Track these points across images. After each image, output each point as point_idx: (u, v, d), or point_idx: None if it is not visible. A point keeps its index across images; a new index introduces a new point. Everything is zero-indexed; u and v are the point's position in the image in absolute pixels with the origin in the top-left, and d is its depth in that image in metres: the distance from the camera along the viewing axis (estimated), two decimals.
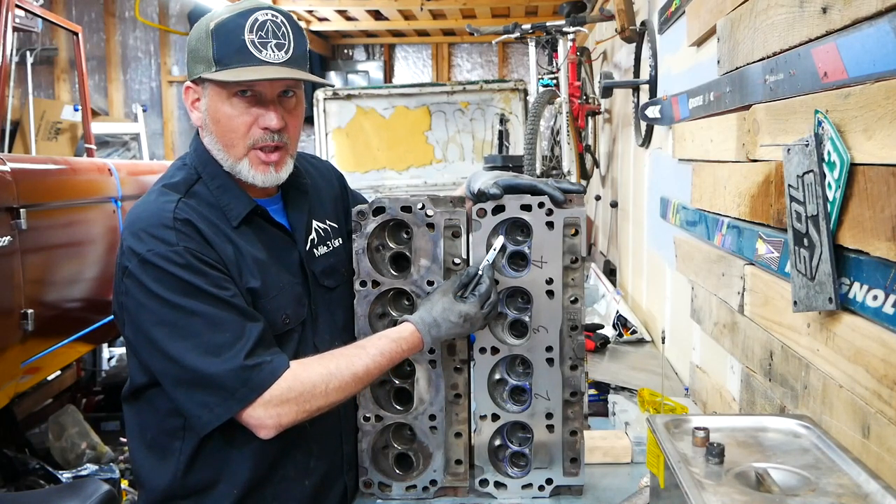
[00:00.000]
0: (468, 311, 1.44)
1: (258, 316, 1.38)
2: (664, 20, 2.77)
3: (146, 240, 1.34)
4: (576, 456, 1.56)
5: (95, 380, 4.59)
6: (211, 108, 1.42)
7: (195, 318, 1.31)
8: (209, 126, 1.44)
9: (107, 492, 2.16)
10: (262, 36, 1.38)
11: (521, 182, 1.51)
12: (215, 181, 1.45)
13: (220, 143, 1.44)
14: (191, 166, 1.48)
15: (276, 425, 1.33)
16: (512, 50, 8.66)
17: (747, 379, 1.70)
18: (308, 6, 6.91)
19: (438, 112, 5.63)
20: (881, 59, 1.06)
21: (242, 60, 1.37)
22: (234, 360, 1.30)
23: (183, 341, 1.31)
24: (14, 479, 3.25)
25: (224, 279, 1.36)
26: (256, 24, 1.37)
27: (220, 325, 1.32)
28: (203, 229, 1.37)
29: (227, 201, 1.44)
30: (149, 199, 1.43)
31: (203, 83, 1.42)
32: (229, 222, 1.43)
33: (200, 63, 1.40)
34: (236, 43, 1.37)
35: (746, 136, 1.65)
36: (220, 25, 1.38)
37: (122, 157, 7.51)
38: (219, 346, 1.31)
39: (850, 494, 0.98)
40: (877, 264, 1.10)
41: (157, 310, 1.32)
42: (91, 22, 8.21)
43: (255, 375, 1.31)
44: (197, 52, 1.40)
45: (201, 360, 1.30)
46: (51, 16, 4.19)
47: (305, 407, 1.34)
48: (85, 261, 3.57)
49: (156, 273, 1.32)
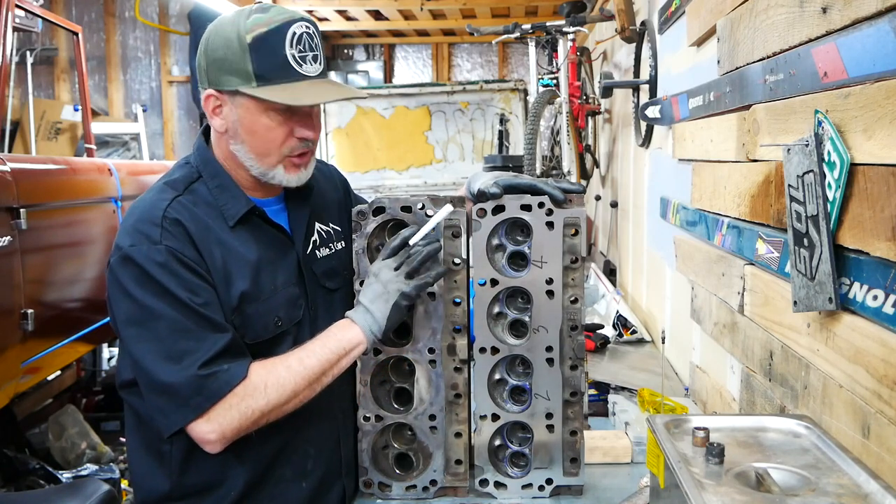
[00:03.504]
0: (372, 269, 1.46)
1: (227, 328, 1.36)
2: (664, 20, 2.77)
3: (132, 235, 1.34)
4: (576, 456, 1.56)
5: (95, 380, 4.59)
6: (245, 120, 1.39)
7: (160, 321, 1.31)
8: (240, 136, 1.41)
9: (107, 492, 2.16)
10: (301, 49, 1.36)
11: (521, 182, 1.51)
12: (214, 180, 1.45)
13: (253, 153, 1.42)
14: (192, 165, 1.48)
15: (220, 436, 1.32)
16: (512, 50, 8.66)
17: (747, 379, 1.70)
18: (308, 6, 6.90)
19: (438, 112, 5.63)
20: (881, 59, 1.06)
21: (286, 76, 1.35)
22: (190, 369, 1.29)
23: (147, 343, 1.31)
24: (14, 479, 3.25)
25: (200, 285, 1.34)
26: (295, 38, 1.35)
27: (184, 332, 1.31)
28: (192, 230, 1.37)
29: (225, 201, 1.44)
30: (147, 196, 1.43)
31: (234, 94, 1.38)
32: (226, 222, 1.42)
33: (234, 75, 1.36)
34: (278, 58, 1.34)
35: (746, 136, 1.65)
36: (258, 39, 1.34)
37: (122, 157, 7.51)
38: (180, 352, 1.30)
39: (850, 494, 0.98)
40: (877, 264, 1.10)
41: (128, 307, 1.33)
42: (91, 22, 8.21)
43: (209, 384, 1.30)
44: (228, 64, 1.36)
45: (160, 366, 1.30)
46: (51, 16, 4.19)
47: (248, 414, 1.32)
48: (85, 261, 3.57)
49: (132, 270, 1.32)
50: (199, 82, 1.43)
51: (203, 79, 1.41)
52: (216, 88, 1.39)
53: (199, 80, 1.44)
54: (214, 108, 1.42)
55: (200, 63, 1.40)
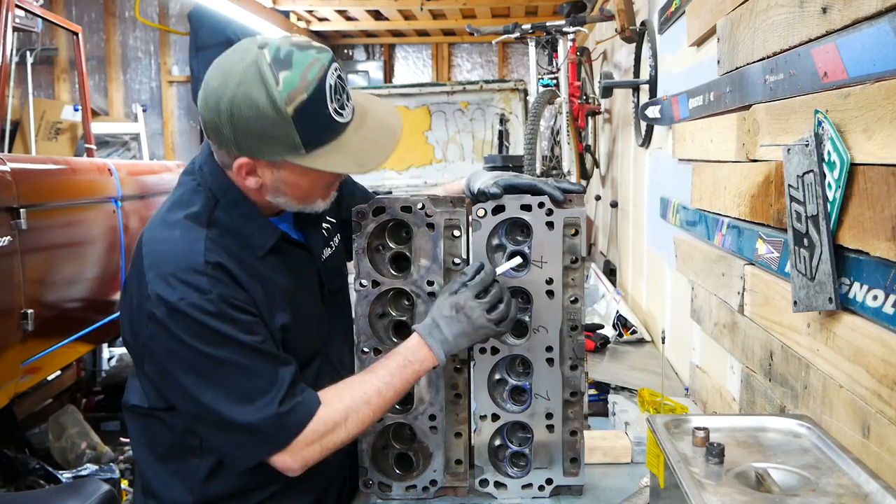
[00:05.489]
0: (458, 301, 1.39)
1: (289, 359, 1.35)
2: (664, 20, 2.77)
3: (177, 287, 1.26)
4: (576, 456, 1.56)
5: (95, 380, 4.59)
6: (290, 181, 1.33)
7: (227, 367, 1.28)
8: (281, 192, 1.35)
9: (107, 492, 2.16)
10: (338, 98, 1.29)
11: (521, 182, 1.51)
12: (236, 209, 1.37)
13: (295, 201, 1.38)
14: (206, 188, 1.38)
15: (303, 466, 1.34)
16: (512, 50, 8.65)
17: (747, 379, 1.70)
18: (308, 6, 6.90)
19: (438, 112, 5.63)
20: (881, 59, 1.06)
21: (332, 134, 1.29)
22: (269, 407, 1.28)
23: (215, 389, 1.28)
24: (14, 479, 3.25)
25: (255, 323, 1.32)
26: (332, 90, 1.27)
27: (253, 373, 1.29)
28: (233, 270, 1.31)
29: (251, 231, 1.38)
30: (173, 235, 1.32)
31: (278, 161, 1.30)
32: (254, 252, 1.37)
33: (277, 146, 1.26)
34: (323, 120, 1.27)
35: (746, 136, 1.65)
36: (301, 109, 1.23)
37: (122, 157, 7.51)
38: (252, 393, 1.29)
39: (850, 494, 0.98)
40: (877, 264, 1.10)
41: (188, 358, 1.28)
42: (91, 22, 8.21)
43: (289, 419, 1.30)
44: (268, 137, 1.25)
45: (235, 409, 1.28)
46: (51, 16, 4.19)
47: (328, 446, 1.35)
48: (85, 261, 3.57)
49: (186, 322, 1.26)
50: (220, 144, 1.31)
51: (229, 145, 1.29)
52: (253, 157, 1.30)
53: (217, 141, 1.31)
54: (248, 171, 1.32)
55: (222, 129, 1.26)
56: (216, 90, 1.25)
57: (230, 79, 1.23)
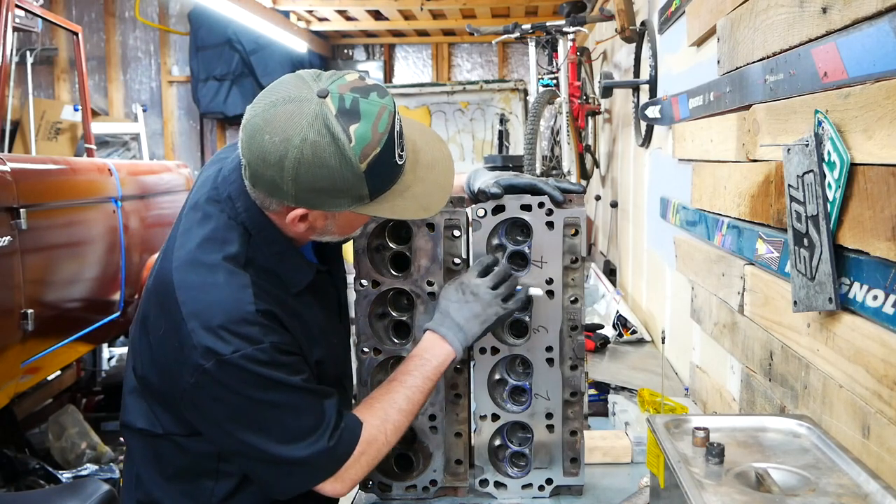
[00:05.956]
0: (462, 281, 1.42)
1: (330, 391, 1.34)
2: (664, 20, 2.77)
3: (230, 340, 1.21)
4: (576, 456, 1.56)
5: (95, 380, 4.59)
6: (342, 223, 1.31)
7: (276, 409, 1.26)
8: (329, 231, 1.32)
9: (107, 492, 2.16)
10: (401, 143, 1.24)
11: (521, 182, 1.51)
12: (273, 247, 1.32)
13: (339, 237, 1.37)
14: (239, 223, 1.30)
15: (350, 487, 1.36)
16: (512, 50, 8.65)
17: (747, 379, 1.70)
18: (308, 6, 6.90)
19: (438, 112, 5.63)
20: (881, 59, 1.06)
21: (393, 179, 1.25)
22: (319, 442, 1.28)
23: (265, 431, 1.27)
24: (14, 479, 3.25)
25: (300, 361, 1.31)
26: (398, 136, 1.23)
27: (302, 411, 1.28)
28: (280, 315, 1.28)
29: (285, 269, 1.34)
30: (216, 281, 1.25)
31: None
32: (287, 289, 1.34)
33: (343, 198, 1.21)
34: (391, 169, 1.23)
35: (746, 136, 1.65)
36: (374, 163, 1.18)
37: (122, 157, 7.51)
38: (302, 432, 1.28)
39: (850, 494, 0.98)
40: (877, 264, 1.10)
41: (236, 404, 1.25)
42: (91, 22, 8.21)
43: (338, 450, 1.30)
44: (336, 192, 1.19)
45: (285, 448, 1.27)
46: (51, 16, 4.18)
47: (372, 462, 1.36)
48: (85, 261, 3.57)
49: (238, 373, 1.22)
50: (272, 195, 1.23)
51: (286, 199, 1.22)
52: (311, 209, 1.25)
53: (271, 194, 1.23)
54: (300, 219, 1.27)
55: (281, 185, 1.19)
56: (277, 146, 1.16)
57: (293, 135, 1.15)
